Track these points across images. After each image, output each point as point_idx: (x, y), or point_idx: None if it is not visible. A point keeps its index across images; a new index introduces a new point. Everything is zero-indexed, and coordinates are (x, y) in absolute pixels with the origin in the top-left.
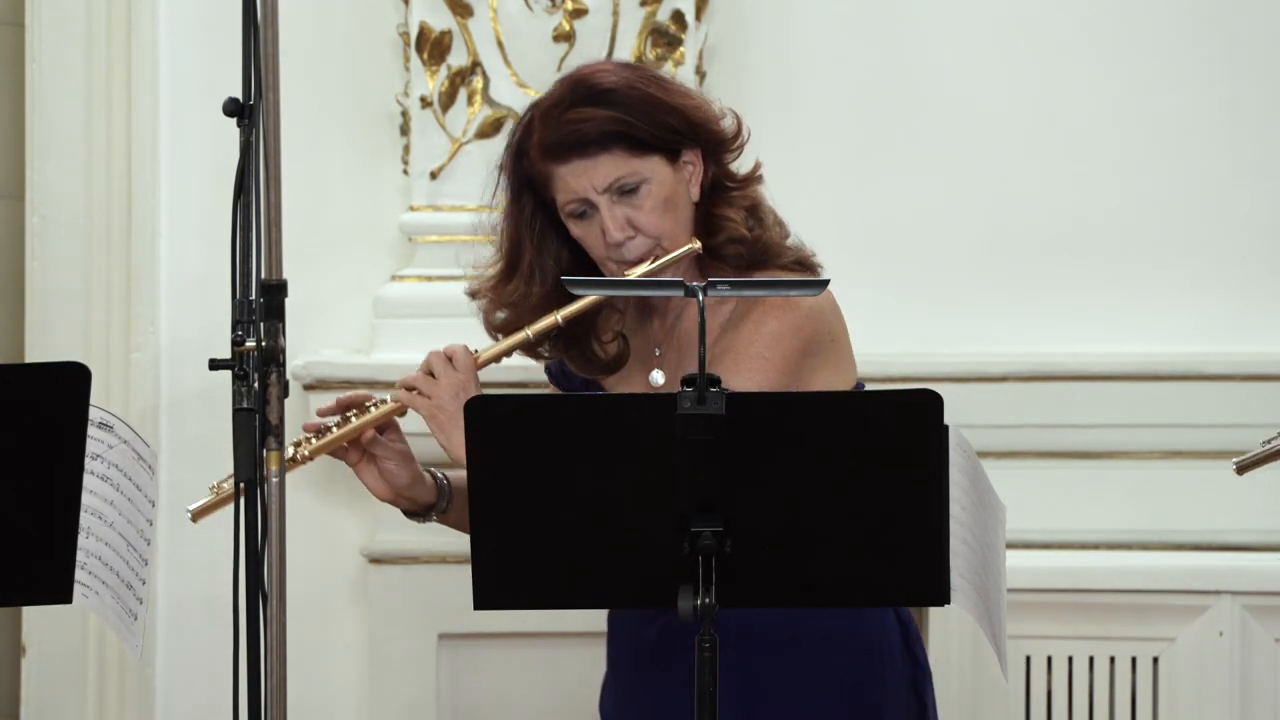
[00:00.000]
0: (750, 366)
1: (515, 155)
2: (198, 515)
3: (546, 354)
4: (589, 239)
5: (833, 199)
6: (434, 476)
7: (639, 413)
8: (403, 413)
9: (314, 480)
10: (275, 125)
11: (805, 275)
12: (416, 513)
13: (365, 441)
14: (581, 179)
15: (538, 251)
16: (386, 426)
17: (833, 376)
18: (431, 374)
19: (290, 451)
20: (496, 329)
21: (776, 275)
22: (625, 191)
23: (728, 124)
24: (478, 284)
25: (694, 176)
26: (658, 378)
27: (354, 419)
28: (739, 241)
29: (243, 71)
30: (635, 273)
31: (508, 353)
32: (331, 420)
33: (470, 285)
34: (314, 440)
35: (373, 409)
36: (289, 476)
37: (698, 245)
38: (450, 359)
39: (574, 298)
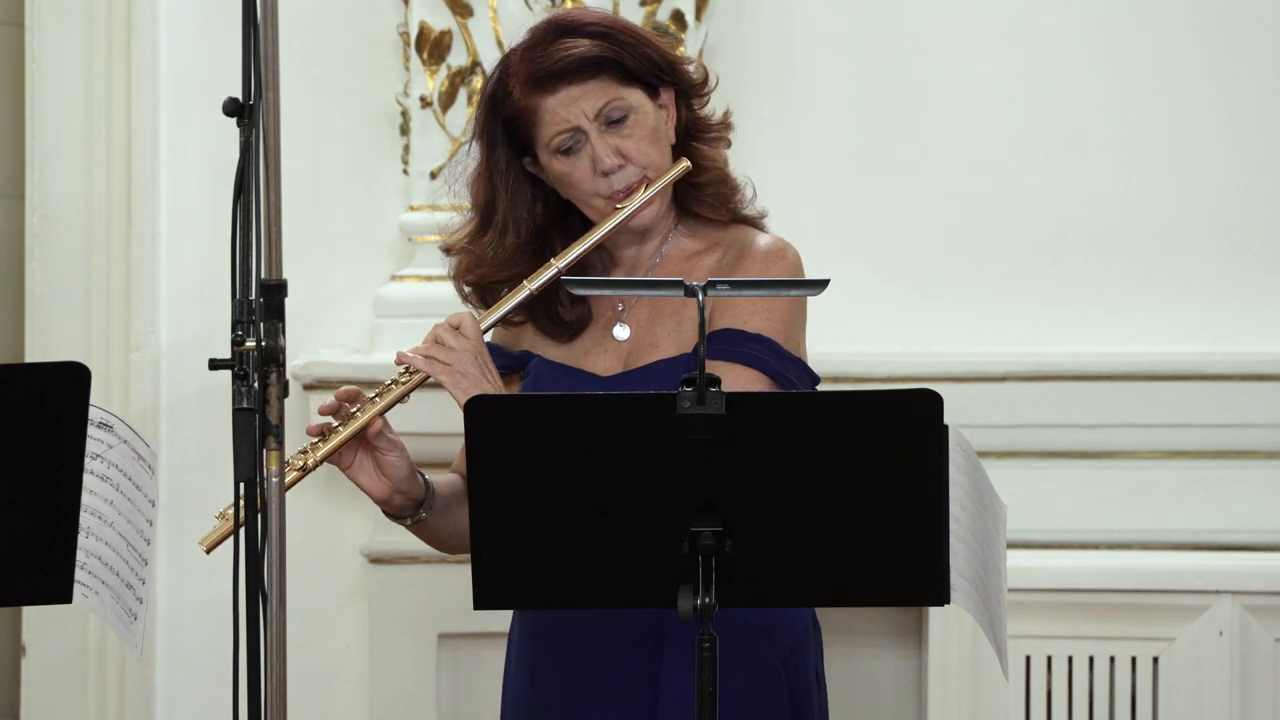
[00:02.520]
0: (767, 305)
1: (491, 104)
2: (211, 547)
3: (515, 319)
4: (576, 173)
5: (833, 198)
6: (420, 474)
7: (639, 413)
8: (404, 397)
9: (314, 480)
10: (275, 125)
11: (769, 234)
12: (404, 512)
13: (371, 435)
14: (572, 107)
15: (511, 203)
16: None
17: (804, 335)
18: (440, 344)
19: (301, 460)
20: (469, 285)
21: (752, 231)
22: (613, 121)
23: (695, 70)
24: (451, 239)
25: (670, 119)
26: (621, 332)
27: (359, 413)
28: (724, 181)
29: (243, 71)
30: (629, 203)
31: (511, 312)
32: (331, 420)
33: (444, 240)
34: (321, 444)
35: (378, 398)
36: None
37: (688, 164)
38: (458, 327)
39: (551, 250)
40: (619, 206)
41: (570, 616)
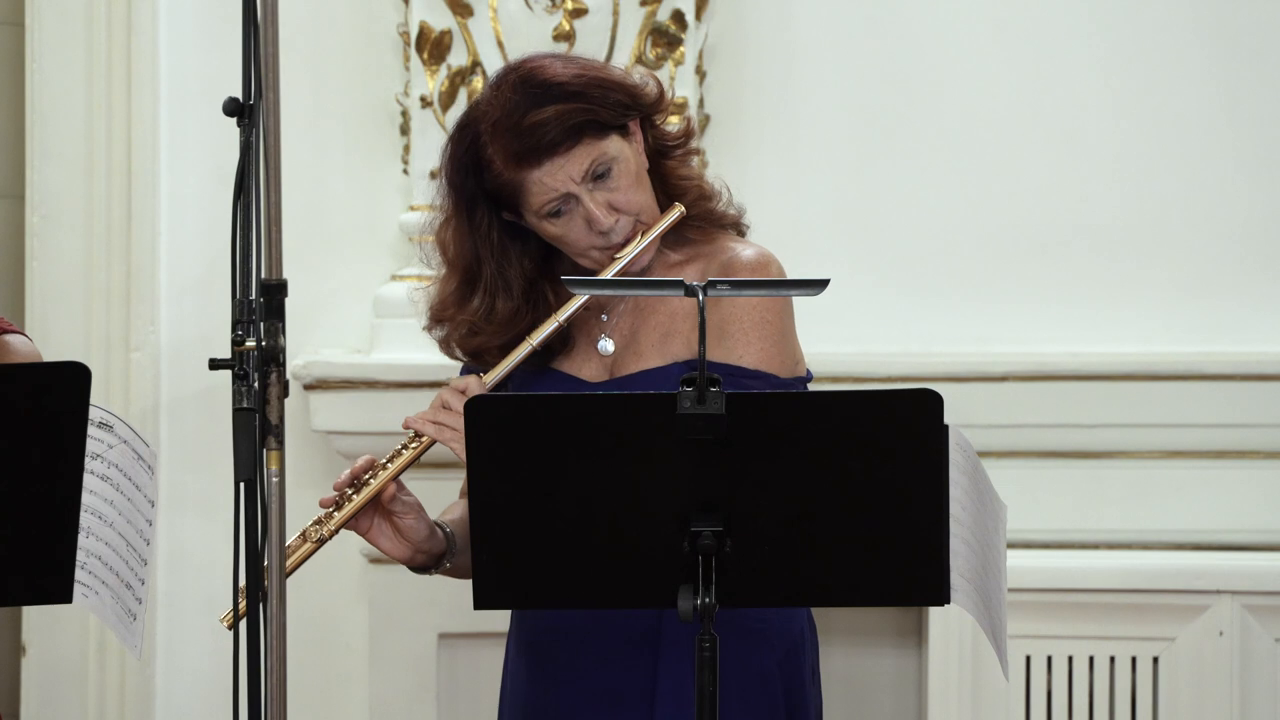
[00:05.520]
0: (760, 334)
1: (467, 171)
2: (233, 625)
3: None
4: (570, 233)
5: (832, 198)
6: (439, 527)
7: (639, 413)
8: (415, 460)
9: (314, 480)
10: (275, 125)
11: (752, 244)
12: (427, 566)
13: (386, 499)
14: (559, 175)
15: (499, 266)
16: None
17: (797, 339)
18: (447, 409)
19: (316, 533)
20: (469, 352)
21: (734, 243)
22: (599, 176)
23: (652, 87)
24: (436, 311)
25: (639, 145)
26: (607, 346)
27: (371, 480)
28: (704, 197)
29: (243, 71)
30: (625, 252)
31: (513, 370)
32: (347, 490)
33: (430, 313)
34: (335, 513)
35: (390, 464)
36: (289, 477)
37: (682, 211)
38: (464, 391)
39: (545, 300)
40: (617, 256)
41: (565, 618)
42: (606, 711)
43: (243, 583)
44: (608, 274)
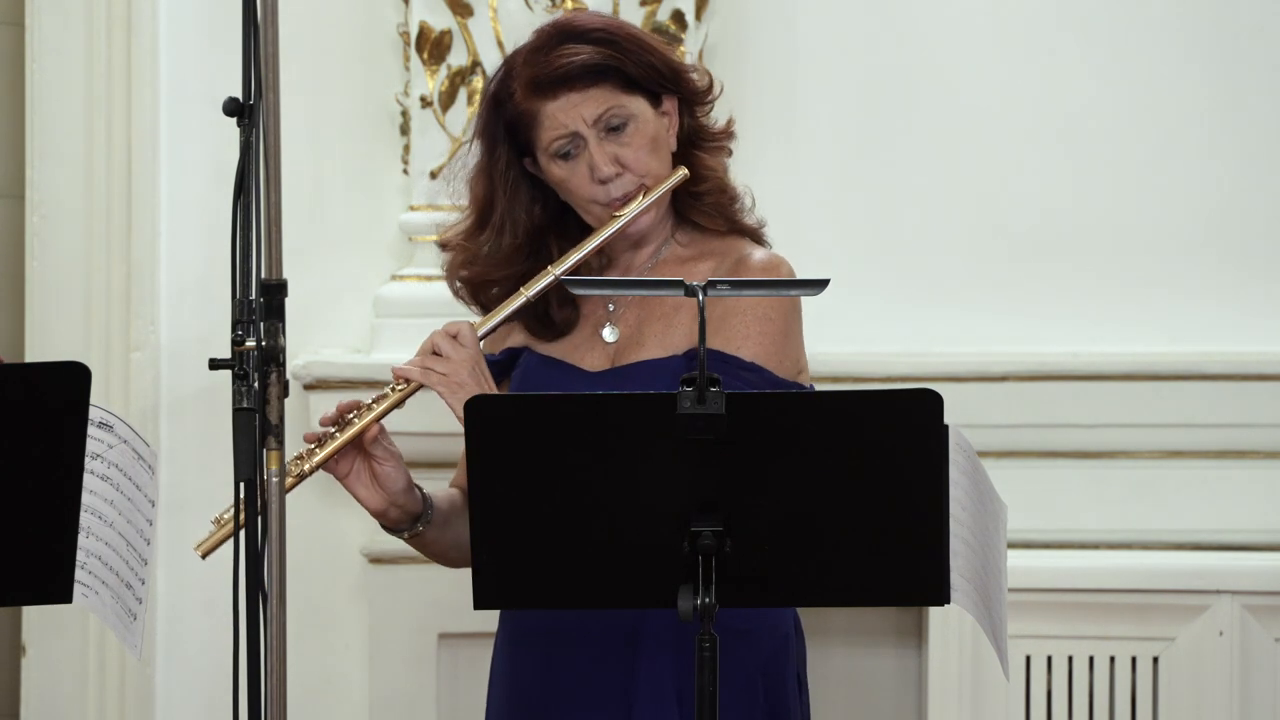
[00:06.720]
0: (760, 329)
1: (493, 104)
2: (207, 552)
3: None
4: (574, 179)
5: (833, 199)
6: (419, 488)
7: (639, 412)
8: (401, 404)
9: (314, 481)
10: (275, 125)
11: (765, 248)
12: (400, 525)
13: (368, 441)
14: (572, 112)
15: (509, 203)
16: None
17: (802, 347)
18: (437, 353)
19: (298, 467)
20: (461, 282)
21: (747, 244)
22: (613, 128)
23: (700, 78)
24: (448, 234)
25: (671, 126)
26: (610, 334)
27: (355, 419)
28: (722, 190)
29: (243, 71)
30: (626, 210)
31: (506, 319)
32: (331, 429)
33: (441, 235)
34: (318, 450)
35: (375, 404)
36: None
37: (685, 173)
38: (455, 336)
39: (547, 251)
40: (616, 214)
41: (545, 618)
42: (585, 708)
43: (221, 513)
44: (607, 231)
